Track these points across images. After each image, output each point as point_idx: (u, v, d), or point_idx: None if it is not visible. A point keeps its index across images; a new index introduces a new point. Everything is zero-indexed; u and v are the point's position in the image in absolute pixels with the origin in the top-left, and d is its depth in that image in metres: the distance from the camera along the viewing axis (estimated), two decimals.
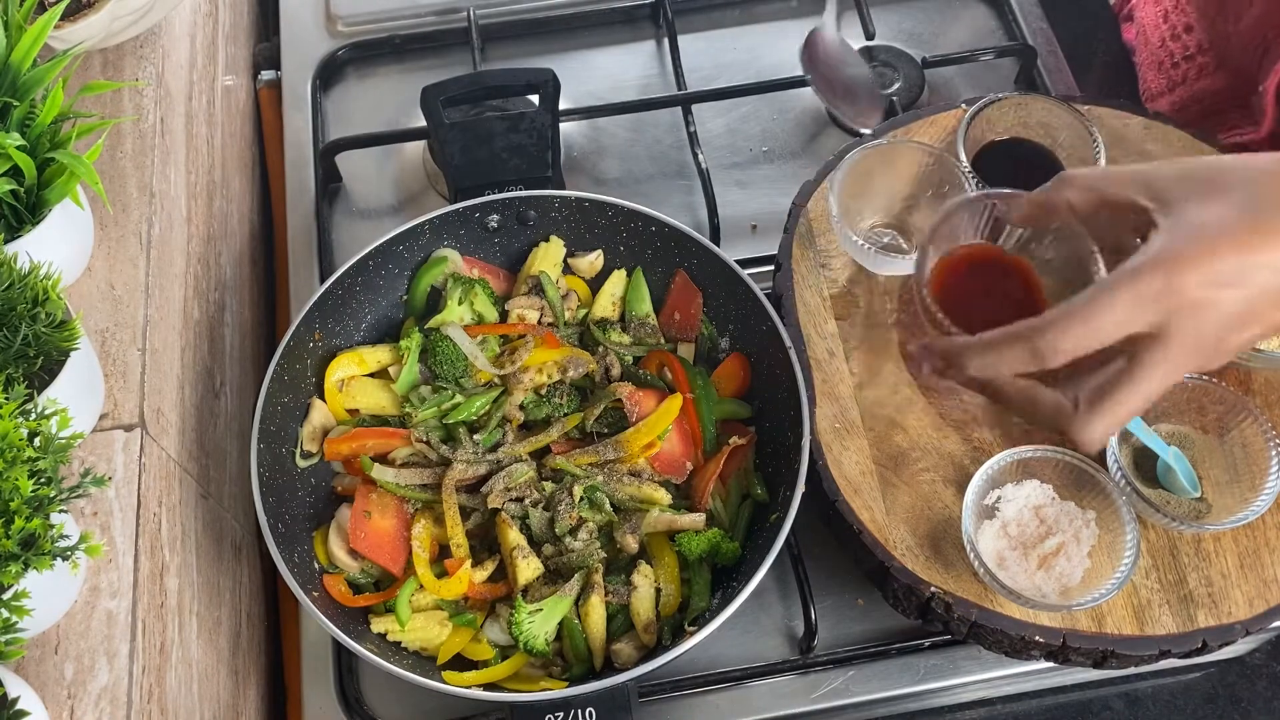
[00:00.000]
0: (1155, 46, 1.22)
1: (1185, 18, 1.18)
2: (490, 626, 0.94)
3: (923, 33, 1.31)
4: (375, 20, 1.33)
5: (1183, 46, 1.18)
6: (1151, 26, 1.23)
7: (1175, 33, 1.19)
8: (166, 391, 0.91)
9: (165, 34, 1.04)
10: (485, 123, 1.09)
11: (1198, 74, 1.18)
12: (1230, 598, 0.87)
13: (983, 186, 0.99)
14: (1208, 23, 1.14)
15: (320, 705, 0.98)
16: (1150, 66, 1.24)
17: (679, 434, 0.98)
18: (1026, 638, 0.86)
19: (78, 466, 0.81)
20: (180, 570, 0.88)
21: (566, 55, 1.31)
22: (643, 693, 0.96)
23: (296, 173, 1.23)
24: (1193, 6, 1.16)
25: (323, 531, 0.97)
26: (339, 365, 1.01)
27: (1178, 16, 1.18)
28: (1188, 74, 1.19)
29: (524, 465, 0.96)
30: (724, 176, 1.21)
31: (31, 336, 0.74)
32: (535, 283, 1.05)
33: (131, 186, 0.94)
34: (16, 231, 0.81)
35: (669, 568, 0.94)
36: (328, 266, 1.15)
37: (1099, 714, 0.99)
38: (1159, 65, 1.22)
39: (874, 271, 1.01)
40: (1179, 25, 1.18)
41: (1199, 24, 1.16)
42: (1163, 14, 1.20)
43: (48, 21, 0.82)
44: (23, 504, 0.66)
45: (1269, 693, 0.99)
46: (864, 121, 1.16)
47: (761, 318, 0.98)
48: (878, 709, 0.98)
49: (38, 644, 0.76)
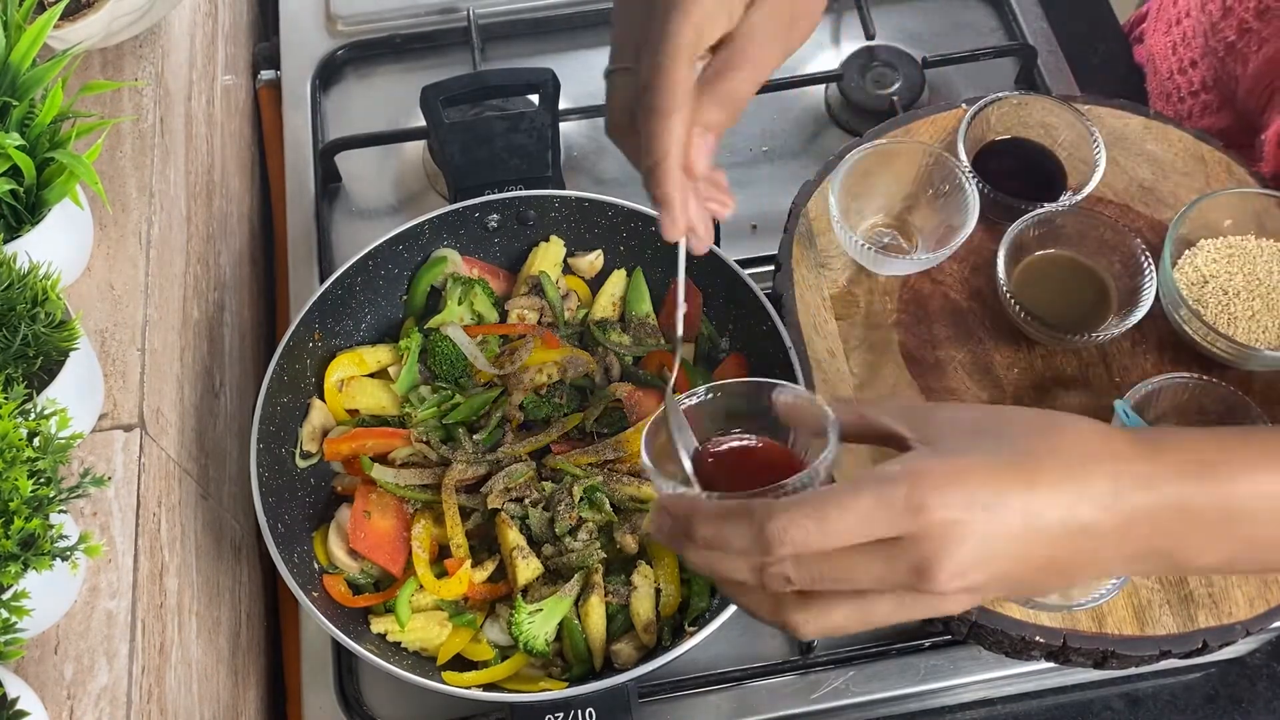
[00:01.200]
0: (1164, 78, 1.21)
1: (1191, 53, 1.16)
2: (490, 626, 0.94)
3: (923, 33, 1.31)
4: (375, 20, 1.33)
5: (1189, 81, 1.17)
6: (1161, 56, 1.21)
7: (1182, 66, 1.17)
8: (166, 391, 0.91)
9: (165, 34, 1.04)
10: (485, 123, 1.09)
11: (1202, 110, 1.17)
12: (1230, 598, 0.87)
13: (983, 186, 0.99)
14: (1215, 61, 1.12)
15: (320, 705, 0.98)
16: (1159, 96, 1.22)
17: None
18: (1027, 638, 0.86)
19: (77, 466, 0.81)
20: (180, 570, 0.88)
21: (566, 55, 1.31)
22: (643, 693, 0.96)
23: (296, 173, 1.23)
24: (1197, 45, 1.15)
25: (323, 531, 0.97)
26: (339, 366, 1.01)
27: (1185, 50, 1.17)
28: (1193, 109, 1.18)
29: (524, 465, 0.96)
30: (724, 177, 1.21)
31: (31, 336, 0.74)
32: (535, 283, 1.05)
33: (131, 186, 0.94)
34: (16, 231, 0.81)
35: (669, 568, 0.94)
36: (327, 266, 1.15)
37: (1099, 714, 0.99)
38: (1167, 96, 1.21)
39: (874, 271, 1.01)
40: (1186, 59, 1.16)
41: (1204, 61, 1.14)
42: (1171, 46, 1.19)
43: (47, 21, 0.82)
44: (22, 504, 0.65)
45: (1269, 693, 0.99)
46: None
47: (761, 318, 0.98)
48: (878, 709, 0.98)
49: (37, 644, 0.76)
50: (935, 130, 1.07)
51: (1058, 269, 0.99)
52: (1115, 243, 0.97)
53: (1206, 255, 0.97)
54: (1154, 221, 1.03)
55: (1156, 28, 1.23)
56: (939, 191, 1.01)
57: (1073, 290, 0.99)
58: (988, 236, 1.01)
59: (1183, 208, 0.97)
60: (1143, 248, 0.95)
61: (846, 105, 1.25)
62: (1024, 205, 0.98)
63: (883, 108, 1.22)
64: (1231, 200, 0.97)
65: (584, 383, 1.02)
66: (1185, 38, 1.17)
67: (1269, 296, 0.95)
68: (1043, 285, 0.98)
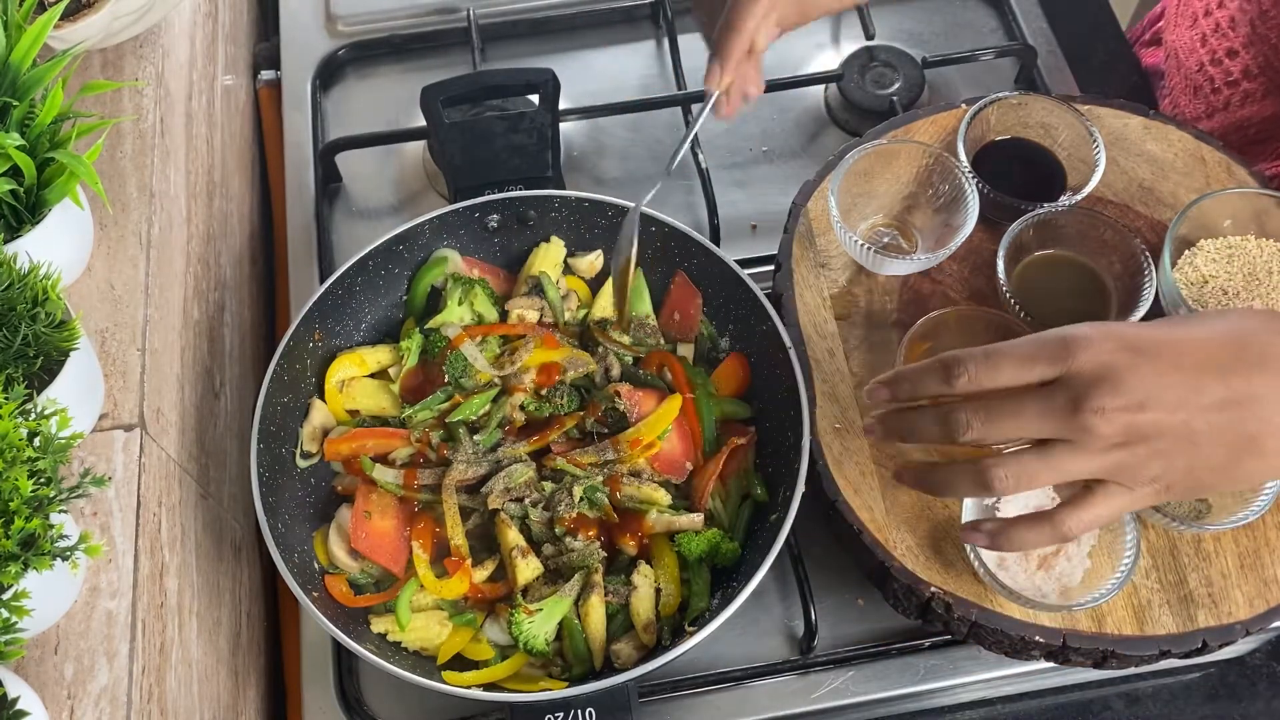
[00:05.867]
0: (1192, 71, 1.20)
1: (1229, 42, 1.15)
2: (490, 626, 0.94)
3: (923, 33, 1.31)
4: (375, 20, 1.33)
5: (1224, 72, 1.16)
6: (1187, 50, 1.20)
7: (1216, 57, 1.16)
8: (166, 391, 0.91)
9: (165, 34, 1.04)
10: (485, 123, 1.09)
11: (1242, 100, 1.16)
12: (1230, 598, 0.87)
13: (983, 186, 0.99)
14: (1264, 48, 1.11)
15: (320, 705, 0.98)
16: (1184, 91, 1.21)
17: (679, 434, 0.98)
18: (1026, 638, 0.86)
19: (77, 466, 0.81)
20: (180, 570, 0.88)
21: (566, 55, 1.31)
22: (643, 693, 0.96)
23: (296, 173, 1.23)
24: (1241, 32, 1.14)
25: (323, 531, 0.97)
26: (339, 367, 1.01)
27: (1218, 41, 1.16)
28: (1230, 100, 1.17)
29: (524, 465, 0.96)
30: (724, 176, 1.21)
31: (31, 336, 0.74)
32: (535, 283, 1.05)
33: (131, 186, 0.94)
34: (16, 231, 0.81)
35: (669, 568, 0.94)
36: (328, 266, 1.15)
37: (1099, 714, 0.99)
38: (1195, 90, 1.20)
39: (874, 271, 1.01)
40: (1220, 50, 1.15)
41: (1248, 50, 1.13)
42: (1200, 37, 1.18)
43: (47, 21, 0.82)
44: (22, 504, 0.66)
45: (1269, 693, 0.99)
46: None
47: (761, 318, 0.98)
48: (878, 709, 0.98)
49: (37, 644, 0.76)
50: (935, 130, 1.07)
51: (1058, 269, 0.99)
52: (1115, 243, 0.97)
53: (1206, 255, 0.97)
54: (1154, 221, 1.03)
55: (1179, 24, 1.22)
56: (939, 191, 1.01)
57: (1073, 290, 0.99)
58: (988, 236, 1.02)
59: (1183, 208, 0.97)
60: (1143, 248, 0.95)
61: (846, 105, 1.25)
62: (1024, 205, 0.99)
63: (883, 108, 1.22)
64: (1231, 200, 0.97)
65: (584, 383, 1.02)
66: (1219, 28, 1.16)
67: (1269, 296, 0.95)
68: (1043, 285, 0.98)
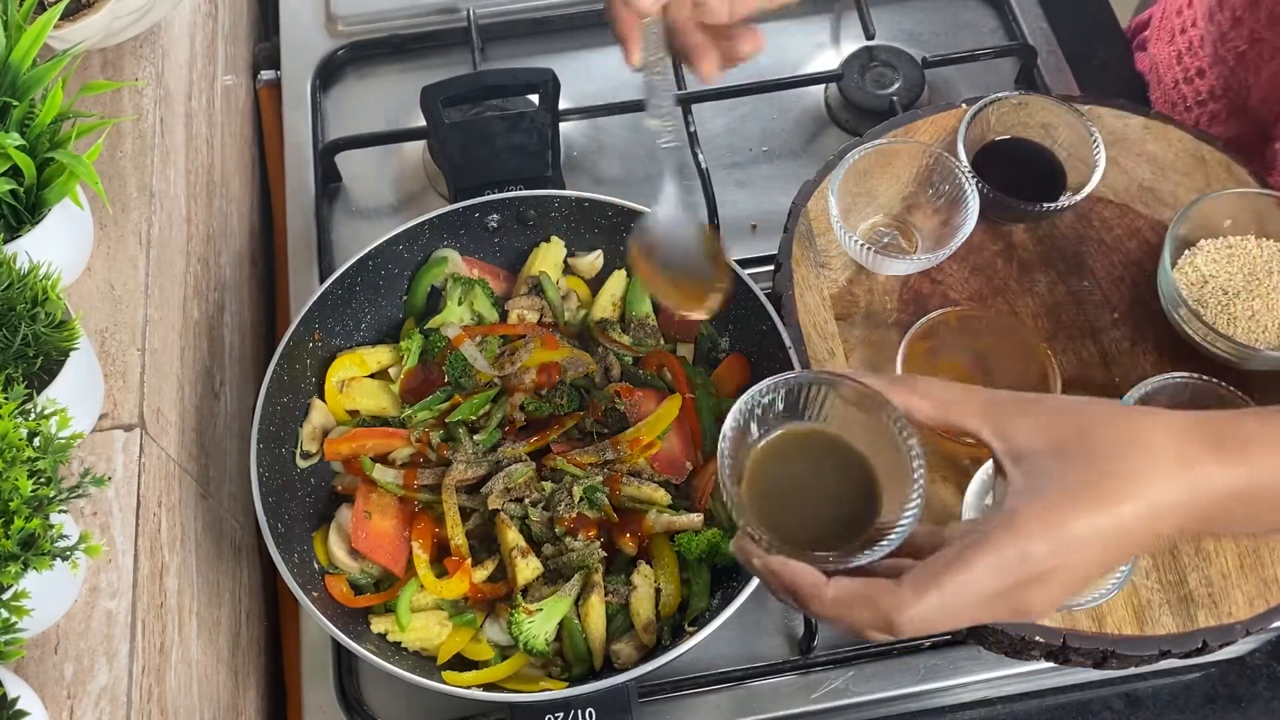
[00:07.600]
0: (1169, 87, 1.20)
1: (1198, 61, 1.15)
2: (490, 626, 0.94)
3: (923, 33, 1.31)
4: (375, 20, 1.33)
5: (1195, 90, 1.16)
6: (1165, 65, 1.20)
7: (1188, 75, 1.16)
8: (166, 392, 0.91)
9: (165, 34, 1.04)
10: (485, 123, 1.09)
11: (1210, 120, 1.16)
12: (1230, 598, 0.87)
13: (983, 186, 0.99)
14: (1225, 70, 1.11)
15: (320, 705, 0.98)
16: (1164, 105, 1.21)
17: (679, 434, 0.98)
18: (1026, 638, 0.86)
19: (77, 466, 0.81)
20: (180, 570, 0.88)
21: (566, 55, 1.31)
22: (643, 693, 0.96)
23: (296, 172, 1.23)
24: (1206, 53, 1.14)
25: (323, 532, 0.97)
26: (339, 367, 1.01)
27: (1190, 59, 1.16)
28: (1200, 119, 1.17)
29: (523, 465, 0.96)
30: (724, 176, 1.21)
31: (31, 336, 0.74)
32: (535, 283, 1.05)
33: (131, 186, 0.94)
34: (16, 231, 0.81)
35: (669, 568, 0.94)
36: (328, 266, 1.15)
37: (1099, 714, 0.99)
38: (1173, 105, 1.20)
39: (874, 271, 1.01)
40: (1191, 69, 1.15)
41: (1213, 70, 1.13)
42: (1176, 55, 1.18)
43: (47, 21, 0.82)
44: (22, 504, 0.66)
45: (1269, 693, 0.99)
46: (694, 308, 0.94)
47: (761, 318, 0.98)
48: (878, 709, 0.98)
49: (37, 644, 0.76)
50: (935, 130, 1.07)
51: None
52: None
53: (1206, 255, 0.97)
54: (1154, 221, 1.03)
55: (1160, 37, 1.22)
56: (939, 191, 1.01)
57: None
58: (987, 236, 1.02)
59: (1183, 208, 0.97)
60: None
61: (846, 105, 1.25)
62: (1024, 205, 0.99)
63: (883, 108, 1.22)
64: (1231, 200, 0.97)
65: (584, 383, 1.02)
66: (1191, 46, 1.16)
67: (1269, 296, 0.95)
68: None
